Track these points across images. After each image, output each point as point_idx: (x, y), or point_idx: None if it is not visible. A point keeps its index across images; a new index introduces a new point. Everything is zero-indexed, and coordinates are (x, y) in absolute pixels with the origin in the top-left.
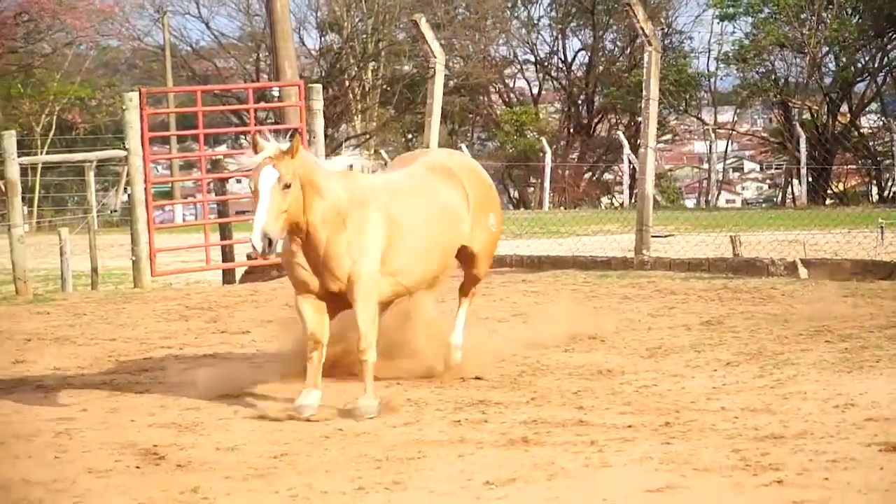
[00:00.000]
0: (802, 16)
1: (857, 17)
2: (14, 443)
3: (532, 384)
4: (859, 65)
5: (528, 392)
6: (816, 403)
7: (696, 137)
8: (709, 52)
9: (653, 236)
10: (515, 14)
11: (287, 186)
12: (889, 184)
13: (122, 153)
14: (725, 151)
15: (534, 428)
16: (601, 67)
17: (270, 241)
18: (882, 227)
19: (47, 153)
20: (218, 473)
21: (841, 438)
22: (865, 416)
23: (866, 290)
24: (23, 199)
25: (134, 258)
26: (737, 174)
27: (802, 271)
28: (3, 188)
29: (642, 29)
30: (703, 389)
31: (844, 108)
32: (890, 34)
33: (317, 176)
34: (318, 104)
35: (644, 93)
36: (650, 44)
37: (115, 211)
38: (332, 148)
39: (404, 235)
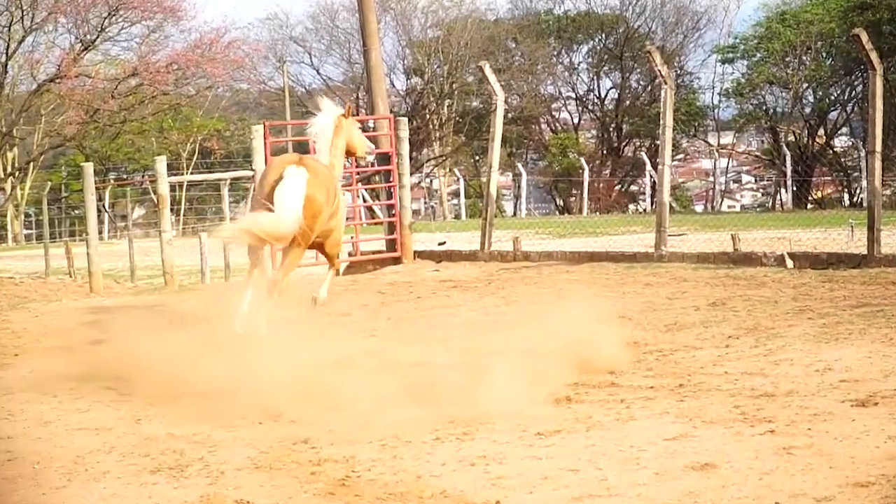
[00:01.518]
0: (787, 59)
1: (830, 59)
2: (164, 396)
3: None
4: (832, 97)
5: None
6: (801, 368)
7: (703, 156)
8: (713, 88)
9: (669, 235)
10: (560, 60)
11: None
12: (857, 192)
13: (249, 173)
14: (727, 167)
15: (575, 389)
16: (628, 102)
17: None
18: (852, 227)
19: (191, 174)
20: (324, 427)
21: (821, 396)
22: (840, 378)
23: (840, 277)
24: (171, 209)
25: None
26: (736, 185)
27: (789, 262)
28: (156, 201)
29: (659, 71)
30: (710, 357)
31: (821, 132)
32: (856, 73)
33: None
34: (405, 133)
35: (661, 121)
36: (666, 83)
37: None
38: (416, 167)
39: None
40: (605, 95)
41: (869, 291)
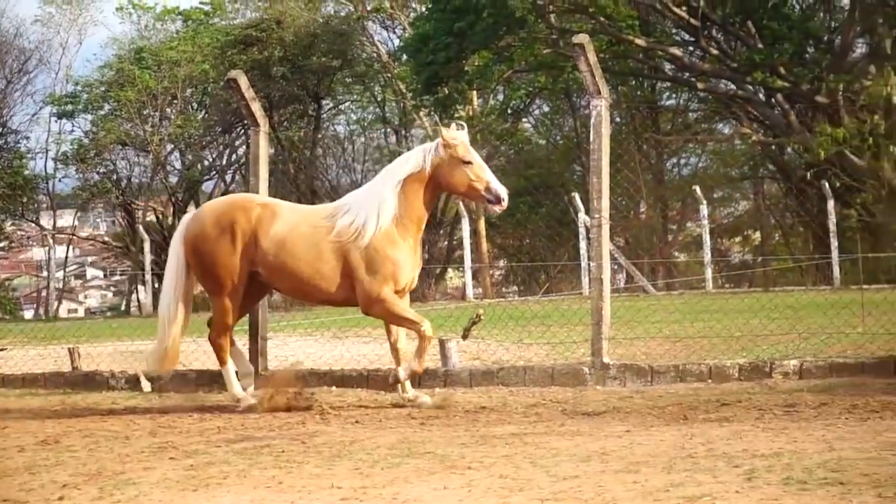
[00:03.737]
0: (145, 112)
1: (204, 112)
2: None
3: None
4: (206, 162)
5: None
6: None
7: (34, 244)
8: (46, 152)
9: None
10: None
11: None
12: None
13: None
14: (66, 258)
15: None
16: None
17: None
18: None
19: None
20: None
21: None
22: None
23: (215, 402)
24: None
25: None
26: (79, 282)
27: (145, 384)
28: None
29: None
30: None
31: (192, 207)
32: (238, 129)
33: None
34: None
35: None
36: None
37: None
38: None
39: None
40: None
41: (251, 421)
